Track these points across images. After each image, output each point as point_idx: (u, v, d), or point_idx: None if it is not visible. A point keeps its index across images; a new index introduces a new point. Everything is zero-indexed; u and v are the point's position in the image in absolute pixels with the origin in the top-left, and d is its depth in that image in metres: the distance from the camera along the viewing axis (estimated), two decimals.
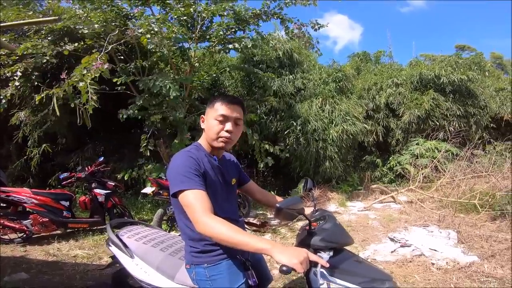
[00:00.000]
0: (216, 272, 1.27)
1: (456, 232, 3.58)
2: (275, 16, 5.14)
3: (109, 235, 1.72)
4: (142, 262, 1.55)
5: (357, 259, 1.32)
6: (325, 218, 1.40)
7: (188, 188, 1.16)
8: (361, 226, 4.39)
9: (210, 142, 1.34)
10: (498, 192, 4.42)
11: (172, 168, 1.25)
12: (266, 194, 1.69)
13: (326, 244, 1.26)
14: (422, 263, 2.97)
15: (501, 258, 3.02)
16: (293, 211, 1.27)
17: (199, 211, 1.12)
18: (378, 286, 1.17)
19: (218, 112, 1.30)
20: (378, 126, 7.73)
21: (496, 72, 12.48)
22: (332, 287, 1.14)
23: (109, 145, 7.20)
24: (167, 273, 1.47)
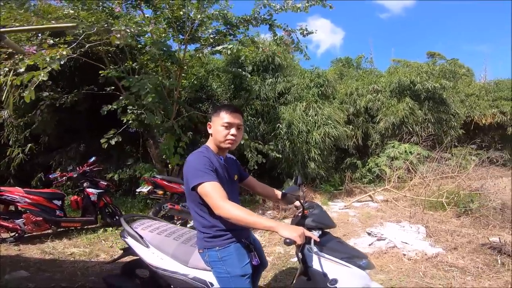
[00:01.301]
0: (226, 254, 1.54)
1: (425, 227, 4.01)
2: (264, 23, 5.33)
3: (124, 228, 1.91)
4: (158, 250, 1.76)
5: (339, 240, 1.66)
6: (314, 206, 1.76)
7: (206, 181, 1.44)
8: (342, 222, 4.76)
9: (218, 144, 1.63)
10: (462, 191, 4.94)
11: (189, 166, 1.53)
12: (265, 187, 1.99)
13: (316, 224, 1.60)
14: (395, 254, 3.35)
15: (462, 250, 3.43)
16: (293, 196, 1.71)
17: (218, 198, 1.40)
18: (357, 261, 1.50)
19: (223, 120, 1.59)
20: (358, 131, 8.17)
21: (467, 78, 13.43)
22: (321, 260, 1.46)
23: (94, 145, 7.17)
24: (181, 259, 1.70)
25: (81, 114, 6.54)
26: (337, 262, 1.48)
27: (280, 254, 3.45)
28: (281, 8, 5.29)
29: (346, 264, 1.48)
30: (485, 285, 2.70)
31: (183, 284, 1.65)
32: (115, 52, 5.47)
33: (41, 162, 6.85)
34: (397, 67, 9.80)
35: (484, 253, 3.32)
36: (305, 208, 1.73)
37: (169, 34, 5.40)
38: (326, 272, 1.44)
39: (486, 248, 3.39)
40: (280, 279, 2.83)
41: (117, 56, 5.66)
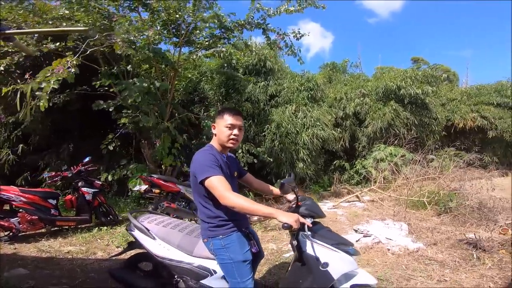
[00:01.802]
0: (229, 241, 1.72)
1: (407, 224, 4.28)
2: (258, 27, 5.49)
3: (131, 221, 2.05)
4: (164, 242, 1.91)
5: (329, 229, 1.87)
6: (306, 199, 1.97)
7: (214, 175, 1.63)
8: (331, 221, 4.98)
9: (222, 144, 1.83)
10: (442, 191, 5.26)
11: (197, 162, 1.71)
12: (261, 183, 2.20)
13: (309, 213, 1.80)
14: (380, 249, 3.59)
15: (441, 245, 3.69)
16: (290, 186, 1.91)
17: (224, 189, 1.59)
18: (344, 247, 1.71)
19: (227, 122, 1.80)
20: (345, 133, 8.45)
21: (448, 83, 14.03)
22: (314, 245, 1.66)
23: (84, 146, 7.16)
24: (186, 249, 1.86)
25: (72, 114, 6.52)
26: (328, 248, 1.68)
27: (273, 250, 3.63)
28: (274, 13, 5.47)
29: (335, 249, 1.68)
30: (462, 277, 2.92)
31: (188, 272, 1.81)
32: (109, 53, 5.52)
33: (28, 162, 6.80)
34: (383, 72, 10.16)
35: (461, 248, 3.57)
36: (299, 200, 1.93)
37: (162, 37, 5.48)
38: (318, 256, 1.64)
39: (463, 244, 3.65)
40: (274, 272, 3.00)
41: (112, 57, 5.70)
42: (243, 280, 1.66)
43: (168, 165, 5.76)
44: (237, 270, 1.67)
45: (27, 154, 6.79)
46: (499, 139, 10.83)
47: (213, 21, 5.34)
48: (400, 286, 2.77)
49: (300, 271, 1.70)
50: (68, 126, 6.86)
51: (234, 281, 1.67)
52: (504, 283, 2.75)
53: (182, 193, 4.63)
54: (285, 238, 4.09)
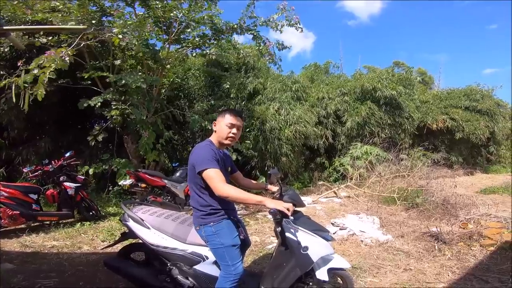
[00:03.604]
0: (219, 228, 1.90)
1: (379, 218, 4.64)
2: (248, 32, 5.66)
3: (126, 212, 2.16)
4: (158, 231, 2.05)
5: (308, 218, 2.12)
6: (288, 189, 2.19)
7: (211, 167, 1.81)
8: (310, 215, 5.08)
9: (221, 140, 2.01)
10: (410, 188, 5.70)
11: (198, 154, 1.89)
12: (249, 181, 2.41)
13: (291, 201, 1.99)
14: (354, 241, 3.91)
15: (408, 237, 4.04)
16: (275, 177, 2.21)
17: (219, 181, 1.79)
18: (322, 234, 1.96)
19: (228, 121, 1.97)
20: (327, 130, 8.81)
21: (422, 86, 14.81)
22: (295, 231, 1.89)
23: (63, 140, 6.99)
24: (180, 237, 2.02)
25: (49, 107, 6.34)
26: (308, 233, 1.92)
27: (256, 243, 3.84)
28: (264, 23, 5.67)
29: (314, 235, 1.92)
30: (425, 267, 3.23)
31: (182, 258, 1.98)
32: (95, 47, 5.44)
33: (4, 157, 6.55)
34: (361, 74, 10.60)
35: (424, 240, 3.92)
36: (282, 190, 2.16)
37: (152, 34, 5.49)
38: (300, 240, 1.87)
39: (427, 236, 4.00)
40: (258, 262, 3.21)
41: (97, 52, 5.62)
42: (234, 263, 1.85)
43: (151, 160, 5.79)
44: (228, 254, 1.86)
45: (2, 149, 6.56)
46: (465, 140, 11.54)
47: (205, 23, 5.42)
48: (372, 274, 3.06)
49: (284, 255, 1.92)
50: (45, 119, 6.66)
51: (225, 264, 1.86)
52: (461, 273, 3.03)
53: (167, 187, 4.72)
54: (268, 231, 4.32)
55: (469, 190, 7.68)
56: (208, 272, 1.96)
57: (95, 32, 4.52)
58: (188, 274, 2.00)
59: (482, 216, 4.60)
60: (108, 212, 5.34)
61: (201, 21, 5.29)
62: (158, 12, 4.97)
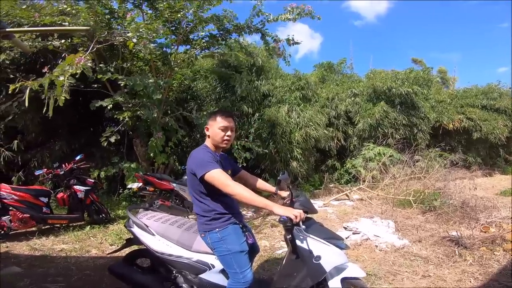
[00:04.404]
0: (225, 234, 1.81)
1: (394, 222, 4.45)
2: (257, 31, 5.56)
3: (130, 218, 2.09)
4: (163, 238, 1.97)
5: (321, 224, 1.98)
6: (299, 195, 2.05)
7: (214, 168, 1.72)
8: (322, 218, 5.11)
9: (216, 144, 1.93)
10: (427, 191, 5.47)
11: (196, 159, 1.81)
12: (257, 179, 2.28)
13: (302, 208, 1.87)
14: (368, 246, 3.74)
15: (426, 242, 3.85)
16: (285, 183, 2.04)
17: (226, 179, 1.71)
18: (336, 242, 1.81)
19: (220, 124, 1.89)
20: (338, 132, 8.61)
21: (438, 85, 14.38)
22: (307, 239, 1.76)
23: (76, 143, 7.08)
24: (186, 245, 1.93)
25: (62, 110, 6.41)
26: (320, 241, 1.78)
27: (266, 247, 3.73)
28: (273, 19, 5.55)
29: (327, 243, 1.79)
30: (445, 273, 3.06)
31: (187, 267, 1.88)
32: (104, 50, 5.47)
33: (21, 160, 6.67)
34: (375, 73, 10.34)
35: (444, 245, 3.72)
36: (293, 196, 2.03)
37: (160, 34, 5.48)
38: (312, 249, 1.74)
39: (446, 241, 3.80)
40: (267, 268, 3.10)
41: (106, 54, 5.66)
42: (242, 270, 1.75)
43: (160, 163, 5.77)
44: (236, 261, 1.76)
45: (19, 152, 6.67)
46: (483, 140, 11.11)
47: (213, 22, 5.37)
48: (387, 281, 2.91)
49: (295, 264, 1.80)
50: (59, 123, 6.76)
51: (233, 272, 1.76)
52: (484, 279, 2.87)
53: (176, 191, 4.67)
54: (277, 235, 4.20)
55: (489, 192, 7.35)
56: (215, 281, 1.86)
57: (107, 35, 4.53)
58: (193, 283, 1.91)
59: (503, 219, 4.34)
60: (118, 215, 5.36)
61: (209, 20, 5.23)
62: (166, 13, 4.95)
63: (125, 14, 4.71)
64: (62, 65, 3.88)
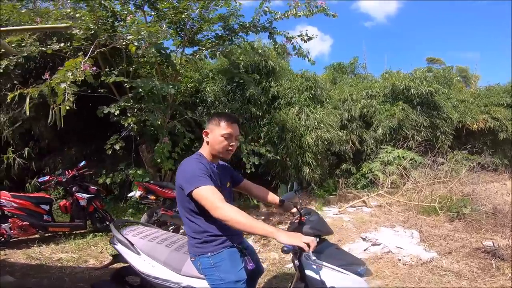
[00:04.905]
0: (219, 260, 1.49)
1: (419, 232, 4.01)
2: (264, 30, 5.32)
3: (114, 234, 1.84)
4: (149, 258, 1.69)
5: (337, 247, 1.64)
6: (310, 213, 1.72)
7: (204, 184, 1.41)
8: (337, 227, 4.73)
9: (215, 154, 1.62)
10: (454, 196, 4.98)
11: (186, 171, 1.50)
12: (261, 189, 1.95)
13: (314, 231, 1.57)
14: (390, 260, 3.33)
15: (457, 254, 3.43)
16: (291, 203, 1.69)
17: (216, 200, 1.38)
18: (355, 269, 1.48)
19: (224, 131, 1.58)
20: (353, 135, 8.20)
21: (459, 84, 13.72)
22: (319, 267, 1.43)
23: (87, 149, 7.04)
24: (174, 267, 1.64)
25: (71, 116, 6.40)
26: (335, 270, 1.45)
27: (275, 260, 3.40)
28: (281, 17, 5.29)
29: (344, 271, 1.45)
30: None
31: None
32: (110, 54, 5.40)
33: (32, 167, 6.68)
34: (391, 73, 9.94)
35: (478, 257, 3.31)
36: (302, 214, 1.70)
37: (168, 35, 5.35)
38: (324, 280, 1.41)
39: (480, 252, 3.39)
40: (275, 285, 2.78)
41: (112, 58, 5.58)
42: None
43: (167, 169, 5.59)
44: None
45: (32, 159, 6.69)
46: (510, 141, 10.53)
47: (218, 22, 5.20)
48: None
49: None
50: (69, 129, 6.74)
51: None
52: None
53: None
54: None
55: None
56: None
57: (108, 38, 4.42)
58: None
59: None
60: None
61: (214, 20, 5.05)
62: (170, 13, 4.81)
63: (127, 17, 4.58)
64: (62, 71, 3.77)
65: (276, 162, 6.54)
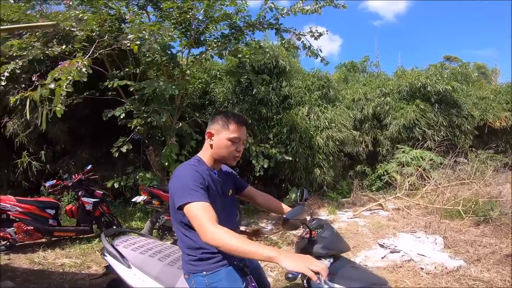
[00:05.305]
0: (215, 280, 1.29)
1: (442, 237, 3.69)
2: (270, 27, 5.14)
3: (104, 245, 1.72)
4: (140, 272, 1.55)
5: (354, 265, 1.38)
6: (323, 226, 1.45)
7: (195, 200, 1.20)
8: (351, 233, 4.45)
9: (219, 159, 1.42)
10: (481, 199, 4.61)
11: (177, 182, 1.29)
12: (267, 198, 1.70)
13: (327, 252, 1.32)
14: (411, 268, 3.05)
15: (486, 262, 3.12)
16: (298, 221, 1.36)
17: (206, 222, 1.15)
18: None
19: (233, 135, 1.37)
20: (366, 136, 7.90)
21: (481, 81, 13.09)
22: None
23: (98, 153, 7.04)
24: (166, 283, 1.48)
25: (83, 120, 6.43)
26: None
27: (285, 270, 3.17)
28: (287, 13, 5.10)
29: None
30: None
31: None
32: (117, 56, 5.36)
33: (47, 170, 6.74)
34: (405, 70, 9.57)
35: (510, 264, 3.01)
36: (312, 228, 1.44)
37: (175, 36, 5.27)
38: None
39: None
40: None
41: (120, 61, 5.55)
42: None
43: None
44: None
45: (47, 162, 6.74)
46: None
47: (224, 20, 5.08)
48: None
49: None
50: (81, 132, 6.78)
51: None
52: None
53: None
54: None
55: None
56: None
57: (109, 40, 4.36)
58: None
59: None
60: (130, 226, 5.12)
61: (219, 19, 4.92)
62: (174, 13, 4.71)
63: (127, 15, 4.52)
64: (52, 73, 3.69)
65: (285, 164, 6.31)
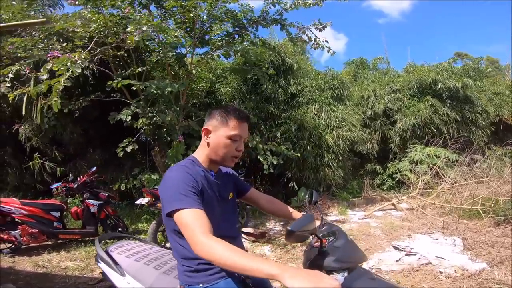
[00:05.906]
0: None
1: (462, 239, 3.48)
2: (275, 23, 5.04)
3: (97, 251, 1.62)
4: (134, 280, 1.44)
5: (371, 276, 1.20)
6: (335, 234, 1.26)
7: (185, 207, 1.06)
8: (363, 234, 4.26)
9: (216, 160, 1.26)
10: (500, 198, 4.35)
11: (166, 185, 1.15)
12: (272, 201, 1.54)
13: (341, 265, 1.14)
14: (429, 272, 2.86)
15: (510, 264, 2.92)
16: (306, 233, 1.15)
17: (198, 232, 1.00)
18: None
19: (232, 132, 1.21)
20: (375, 134, 7.69)
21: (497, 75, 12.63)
22: None
23: (106, 154, 7.03)
24: None
25: (92, 122, 6.44)
26: None
27: None
28: (291, 7, 4.99)
29: None
30: None
31: None
32: (122, 56, 5.32)
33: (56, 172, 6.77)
34: (416, 66, 9.30)
35: None
36: (323, 236, 1.25)
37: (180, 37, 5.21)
38: None
39: None
40: None
41: (125, 61, 5.51)
42: None
43: None
44: None
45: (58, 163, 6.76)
46: None
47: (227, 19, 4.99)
48: None
49: None
50: (91, 133, 6.79)
51: None
52: None
53: None
54: None
55: None
56: None
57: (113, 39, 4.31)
58: None
59: None
60: (137, 229, 5.05)
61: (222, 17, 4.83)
62: (177, 12, 4.64)
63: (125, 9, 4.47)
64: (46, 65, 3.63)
65: (292, 162, 6.15)
